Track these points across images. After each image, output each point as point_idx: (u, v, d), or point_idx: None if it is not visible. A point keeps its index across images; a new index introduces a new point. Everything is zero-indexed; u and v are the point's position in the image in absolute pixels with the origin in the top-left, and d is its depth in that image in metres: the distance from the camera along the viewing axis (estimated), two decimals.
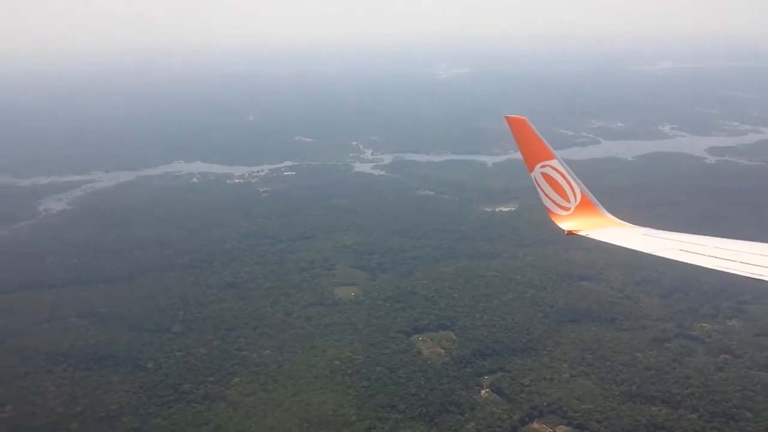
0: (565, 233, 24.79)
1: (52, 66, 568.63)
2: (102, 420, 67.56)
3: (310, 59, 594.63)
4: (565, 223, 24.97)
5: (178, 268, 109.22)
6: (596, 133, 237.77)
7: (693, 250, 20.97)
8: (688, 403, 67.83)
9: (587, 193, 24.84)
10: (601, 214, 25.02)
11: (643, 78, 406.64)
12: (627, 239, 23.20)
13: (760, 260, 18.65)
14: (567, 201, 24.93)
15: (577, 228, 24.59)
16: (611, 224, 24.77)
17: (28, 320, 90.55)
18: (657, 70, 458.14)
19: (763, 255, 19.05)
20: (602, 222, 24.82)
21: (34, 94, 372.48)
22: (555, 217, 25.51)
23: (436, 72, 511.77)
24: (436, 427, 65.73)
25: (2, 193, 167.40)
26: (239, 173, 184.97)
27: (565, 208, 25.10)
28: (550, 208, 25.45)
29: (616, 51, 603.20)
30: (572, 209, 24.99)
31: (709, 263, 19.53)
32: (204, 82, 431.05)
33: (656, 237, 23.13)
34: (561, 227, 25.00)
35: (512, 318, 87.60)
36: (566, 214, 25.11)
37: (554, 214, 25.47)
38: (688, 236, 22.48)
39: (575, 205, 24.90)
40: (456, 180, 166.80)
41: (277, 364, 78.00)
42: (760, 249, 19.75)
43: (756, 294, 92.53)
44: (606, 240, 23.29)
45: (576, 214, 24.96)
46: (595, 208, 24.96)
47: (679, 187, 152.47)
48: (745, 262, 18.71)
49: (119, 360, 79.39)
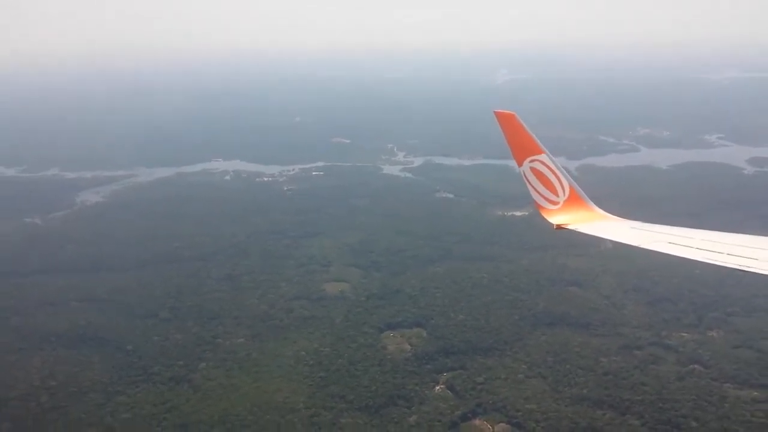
0: (554, 227, 24.96)
1: (110, 66, 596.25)
2: (72, 395, 72.19)
3: (374, 65, 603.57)
4: (554, 218, 25.13)
5: (184, 259, 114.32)
6: (638, 141, 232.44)
7: (681, 242, 20.97)
8: (636, 409, 67.21)
9: (576, 187, 25.08)
10: (590, 208, 25.18)
11: (704, 86, 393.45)
12: (615, 232, 23.40)
13: (747, 252, 18.90)
14: (556, 195, 25.00)
15: (566, 222, 24.75)
16: (600, 218, 24.94)
17: (34, 302, 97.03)
18: (722, 78, 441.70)
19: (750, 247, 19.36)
20: (591, 216, 24.94)
21: (83, 94, 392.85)
22: (544, 212, 25.65)
23: (494, 78, 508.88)
24: (379, 418, 67.31)
25: (46, 184, 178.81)
26: (271, 172, 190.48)
27: (554, 203, 25.16)
28: (539, 203, 25.62)
29: (683, 59, 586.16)
30: (561, 203, 25.07)
31: (697, 255, 19.54)
32: (261, 84, 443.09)
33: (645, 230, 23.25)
34: (550, 221, 25.17)
35: (486, 319, 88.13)
36: (555, 208, 25.16)
37: (543, 208, 25.62)
38: (676, 229, 22.57)
39: (564, 200, 24.99)
40: (478, 184, 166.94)
41: (246, 352, 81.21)
42: (747, 241, 19.99)
43: (746, 307, 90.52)
44: (594, 233, 23.56)
45: (565, 209, 25.03)
46: (583, 203, 25.17)
47: (705, 198, 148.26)
48: (732, 254, 18.92)
49: (103, 341, 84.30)
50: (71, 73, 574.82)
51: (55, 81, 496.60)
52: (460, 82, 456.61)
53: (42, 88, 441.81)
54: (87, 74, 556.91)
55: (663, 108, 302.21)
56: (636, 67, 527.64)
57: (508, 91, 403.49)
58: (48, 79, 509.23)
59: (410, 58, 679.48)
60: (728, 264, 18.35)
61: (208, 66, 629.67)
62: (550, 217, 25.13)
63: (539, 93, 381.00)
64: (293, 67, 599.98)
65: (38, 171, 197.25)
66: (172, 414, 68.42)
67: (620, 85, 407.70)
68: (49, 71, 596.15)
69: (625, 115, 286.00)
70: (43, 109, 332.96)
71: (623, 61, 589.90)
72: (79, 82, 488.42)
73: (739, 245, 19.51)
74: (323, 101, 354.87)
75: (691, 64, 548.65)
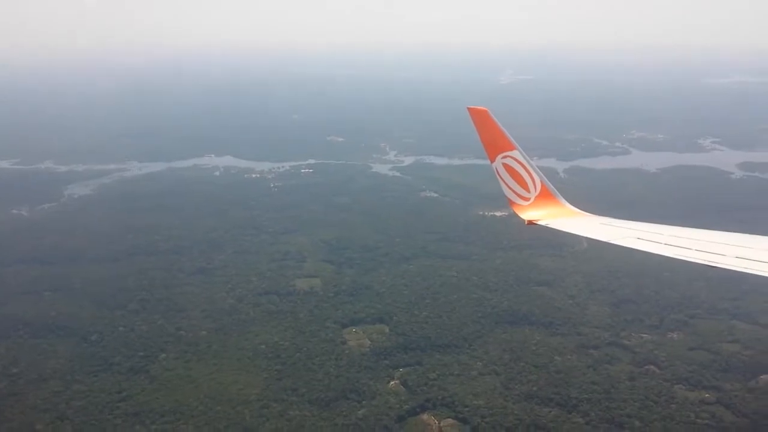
0: (526, 223, 25.35)
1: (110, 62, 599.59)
2: (31, 382, 73.25)
3: (380, 64, 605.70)
4: (525, 213, 25.49)
5: (160, 252, 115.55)
6: (631, 144, 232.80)
7: (649, 238, 21.23)
8: (582, 407, 67.75)
9: (547, 183, 25.30)
10: (561, 204, 25.50)
11: (707, 90, 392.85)
12: (585, 228, 23.68)
13: (715, 248, 19.14)
14: (527, 191, 25.26)
15: (537, 218, 25.04)
16: (571, 214, 25.31)
17: (8, 291, 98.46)
18: (727, 82, 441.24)
19: (718, 243, 19.66)
20: (562, 212, 25.28)
21: (83, 89, 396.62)
22: (516, 208, 26.03)
23: (499, 79, 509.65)
24: (328, 411, 68.08)
25: (38, 177, 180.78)
26: (261, 168, 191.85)
27: (525, 198, 25.48)
28: (511, 199, 26.06)
29: (689, 63, 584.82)
30: (532, 199, 25.36)
31: (665, 251, 19.76)
32: (264, 82, 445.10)
33: (614, 226, 23.62)
34: (521, 217, 25.53)
35: (449, 316, 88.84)
36: (526, 204, 25.48)
37: (515, 204, 26.02)
38: (645, 225, 22.85)
39: (535, 196, 25.27)
40: (464, 183, 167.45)
41: (207, 344, 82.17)
42: (715, 237, 20.35)
43: (710, 309, 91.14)
44: (564, 229, 23.87)
45: (536, 204, 25.32)
46: (554, 199, 25.47)
47: (687, 201, 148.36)
48: (700, 250, 19.15)
49: (70, 331, 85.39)
50: (72, 68, 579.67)
51: (55, 75, 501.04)
52: (465, 82, 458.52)
53: (41, 82, 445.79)
54: (87, 70, 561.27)
55: (661, 111, 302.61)
56: (641, 70, 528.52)
57: (510, 92, 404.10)
58: (48, 73, 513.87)
59: (417, 58, 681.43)
60: (695, 259, 18.58)
61: (210, 63, 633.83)
62: (521, 213, 25.55)
63: (540, 94, 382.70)
64: (297, 65, 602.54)
65: (32, 163, 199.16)
66: (126, 403, 69.33)
67: (623, 87, 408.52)
68: (50, 66, 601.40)
69: (622, 117, 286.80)
70: (40, 103, 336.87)
71: (629, 64, 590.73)
72: (79, 77, 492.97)
73: (707, 241, 19.79)
74: (324, 100, 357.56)
75: (697, 67, 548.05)
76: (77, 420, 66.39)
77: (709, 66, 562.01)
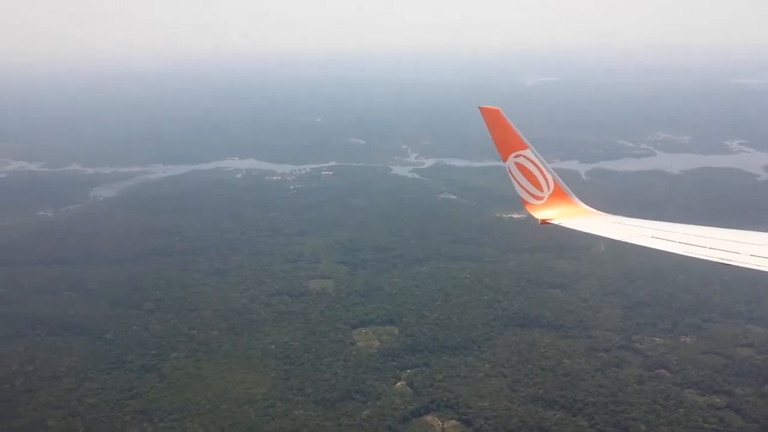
0: (539, 222, 25.09)
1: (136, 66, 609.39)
2: (45, 379, 75.10)
3: (404, 67, 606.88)
4: (538, 213, 25.16)
5: (178, 253, 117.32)
6: (656, 145, 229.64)
7: (663, 236, 20.95)
8: (587, 410, 67.35)
9: (560, 182, 25.20)
10: (574, 203, 25.31)
11: (736, 91, 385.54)
12: (599, 227, 23.41)
13: (729, 246, 18.87)
14: (540, 190, 24.99)
15: (550, 217, 24.84)
16: (584, 213, 25.10)
17: (29, 290, 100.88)
18: (757, 83, 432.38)
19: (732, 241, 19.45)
20: (575, 211, 25.07)
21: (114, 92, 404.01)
22: (529, 207, 25.78)
23: (523, 81, 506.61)
24: (333, 411, 68.63)
25: (65, 179, 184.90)
26: (282, 171, 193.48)
27: (538, 198, 25.18)
28: (524, 198, 25.66)
29: (719, 63, 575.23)
30: (545, 198, 25.08)
31: (679, 249, 19.44)
32: (287, 85, 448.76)
33: (628, 225, 23.41)
34: (535, 216, 25.32)
35: (459, 318, 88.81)
36: (540, 203, 25.21)
37: (528, 203, 25.74)
38: (658, 223, 22.62)
39: (548, 195, 25.01)
40: (483, 185, 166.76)
41: (218, 343, 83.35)
42: (729, 235, 20.08)
43: (725, 313, 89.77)
44: (578, 228, 23.65)
45: (549, 204, 25.06)
46: (568, 198, 25.28)
47: (710, 203, 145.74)
48: (714, 248, 18.88)
49: (86, 330, 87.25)
50: (98, 72, 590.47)
51: (83, 80, 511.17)
52: (488, 85, 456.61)
53: (65, 86, 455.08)
54: (113, 73, 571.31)
55: (688, 112, 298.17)
56: (671, 71, 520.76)
57: (535, 94, 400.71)
58: (73, 78, 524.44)
59: (441, 60, 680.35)
60: (710, 257, 18.31)
61: (235, 67, 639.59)
62: (534, 212, 25.29)
63: (565, 96, 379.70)
64: (320, 68, 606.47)
65: (59, 166, 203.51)
66: (136, 400, 70.72)
67: (650, 88, 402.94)
68: (78, 70, 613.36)
69: (648, 119, 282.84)
70: (68, 107, 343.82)
71: (658, 65, 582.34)
72: (105, 80, 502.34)
73: (721, 239, 19.57)
74: (347, 102, 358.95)
75: (726, 67, 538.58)
76: (88, 417, 67.96)
77: (738, 65, 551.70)
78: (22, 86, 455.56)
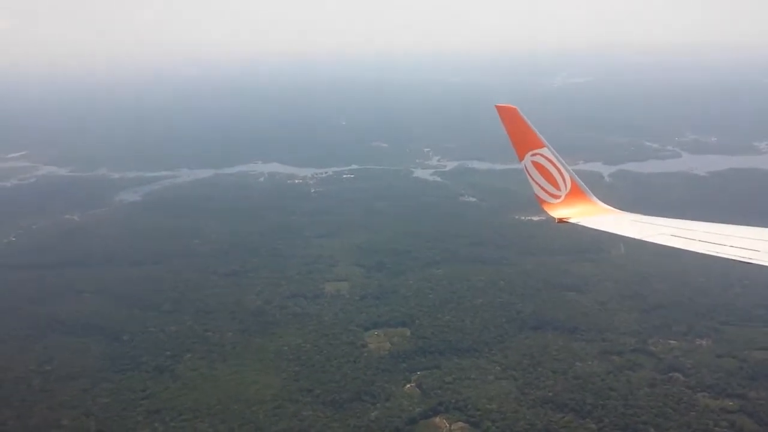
0: (556, 221, 24.99)
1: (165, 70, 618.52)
2: (61, 379, 76.76)
3: (429, 67, 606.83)
4: (555, 211, 24.98)
5: (197, 255, 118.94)
6: (683, 147, 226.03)
7: (682, 235, 20.63)
8: (597, 413, 66.77)
9: (577, 180, 25.09)
10: (592, 202, 25.14)
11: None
12: (617, 226, 23.30)
13: (749, 243, 18.59)
14: (557, 189, 24.83)
15: (567, 216, 24.56)
16: (602, 211, 24.90)
17: (52, 292, 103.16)
18: None
19: (752, 239, 19.21)
20: (593, 209, 24.89)
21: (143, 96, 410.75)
22: (546, 206, 25.62)
23: (552, 82, 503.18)
24: (342, 412, 69.03)
25: (92, 183, 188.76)
26: (304, 174, 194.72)
27: (555, 196, 25.01)
28: (541, 197, 25.41)
29: (752, 63, 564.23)
30: (563, 197, 24.91)
31: (699, 248, 19.16)
32: (314, 88, 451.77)
33: (646, 223, 23.18)
34: (552, 215, 25.17)
35: (471, 320, 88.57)
36: (557, 202, 25.04)
37: (545, 202, 25.44)
38: (677, 221, 22.43)
39: (566, 193, 24.84)
40: (503, 188, 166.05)
41: (232, 345, 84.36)
42: (749, 233, 19.82)
43: (744, 316, 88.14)
44: (596, 227, 23.56)
45: (567, 202, 24.89)
46: (585, 196, 25.02)
47: (734, 205, 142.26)
48: (734, 246, 18.61)
49: (104, 331, 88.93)
50: (128, 75, 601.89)
51: (112, 84, 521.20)
52: (515, 85, 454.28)
53: (98, 92, 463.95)
54: (142, 78, 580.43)
55: (717, 113, 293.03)
56: (701, 70, 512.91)
57: (563, 95, 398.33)
58: (105, 83, 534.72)
59: (470, 62, 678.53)
60: (729, 256, 18.03)
61: (263, 70, 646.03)
62: (551, 211, 25.15)
63: (594, 97, 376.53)
64: (347, 70, 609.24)
65: (88, 170, 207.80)
66: (149, 401, 71.91)
67: (679, 89, 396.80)
68: (108, 73, 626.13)
69: (676, 119, 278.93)
70: (97, 112, 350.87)
71: (688, 64, 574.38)
72: (134, 85, 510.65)
73: (741, 237, 19.29)
74: (372, 104, 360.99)
75: (760, 66, 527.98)
76: (101, 416, 69.32)
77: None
78: (54, 92, 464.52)
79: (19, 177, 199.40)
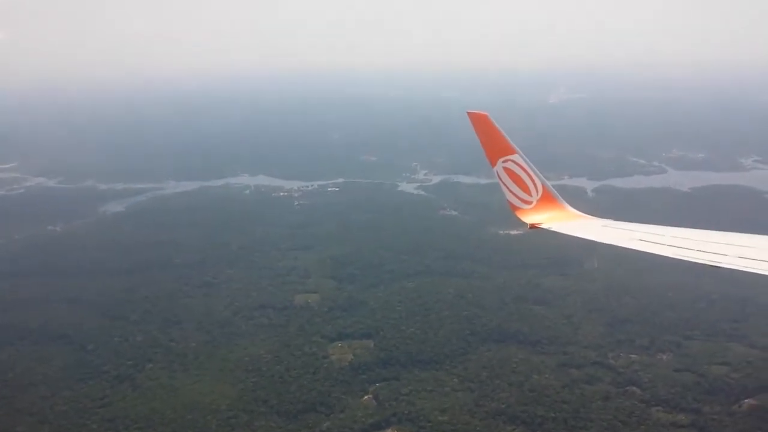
0: (528, 227, 25.33)
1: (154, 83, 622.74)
2: (21, 387, 77.18)
3: (427, 84, 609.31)
4: (527, 217, 25.30)
5: (173, 266, 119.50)
6: (668, 163, 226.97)
7: (652, 239, 20.94)
8: (547, 426, 67.06)
9: (548, 186, 25.44)
10: (563, 208, 25.36)
11: (758, 108, 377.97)
12: (587, 231, 23.56)
13: (717, 248, 18.86)
14: (529, 195, 25.16)
15: (539, 221, 24.88)
16: (573, 217, 25.29)
17: (26, 302, 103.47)
18: None
19: (720, 243, 19.40)
20: (564, 215, 25.12)
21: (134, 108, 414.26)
22: (518, 212, 25.94)
23: (547, 98, 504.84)
24: (295, 423, 69.34)
25: (79, 195, 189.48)
26: (289, 187, 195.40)
27: (527, 202, 25.35)
28: (513, 203, 25.76)
29: (744, 80, 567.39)
30: (534, 203, 25.23)
31: (668, 252, 19.43)
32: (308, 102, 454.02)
33: (617, 228, 23.57)
34: (524, 221, 25.56)
35: (435, 333, 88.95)
36: (529, 207, 25.34)
37: (517, 208, 25.75)
38: (647, 227, 22.73)
39: (537, 199, 25.16)
40: (485, 202, 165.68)
41: (195, 355, 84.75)
42: (717, 237, 20.22)
43: (708, 331, 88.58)
44: (567, 232, 23.82)
45: (538, 208, 25.19)
46: (556, 202, 25.35)
47: (714, 221, 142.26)
48: (703, 250, 18.87)
49: (70, 339, 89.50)
50: (121, 87, 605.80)
51: (106, 95, 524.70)
52: (509, 102, 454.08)
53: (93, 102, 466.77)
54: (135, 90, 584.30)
55: (706, 129, 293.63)
56: (695, 87, 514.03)
57: (556, 111, 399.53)
58: (99, 93, 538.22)
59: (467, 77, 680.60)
60: (697, 260, 18.30)
61: (256, 84, 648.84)
62: (523, 217, 25.50)
63: (587, 113, 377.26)
64: (345, 85, 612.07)
65: (76, 182, 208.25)
66: (105, 409, 72.23)
67: (671, 105, 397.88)
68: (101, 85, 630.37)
69: (664, 135, 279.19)
70: (91, 122, 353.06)
71: (683, 81, 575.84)
72: (127, 96, 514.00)
73: (709, 242, 19.61)
74: (364, 118, 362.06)
75: (752, 84, 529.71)
76: (56, 423, 69.78)
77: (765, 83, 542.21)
78: (47, 104, 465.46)
79: (6, 188, 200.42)
